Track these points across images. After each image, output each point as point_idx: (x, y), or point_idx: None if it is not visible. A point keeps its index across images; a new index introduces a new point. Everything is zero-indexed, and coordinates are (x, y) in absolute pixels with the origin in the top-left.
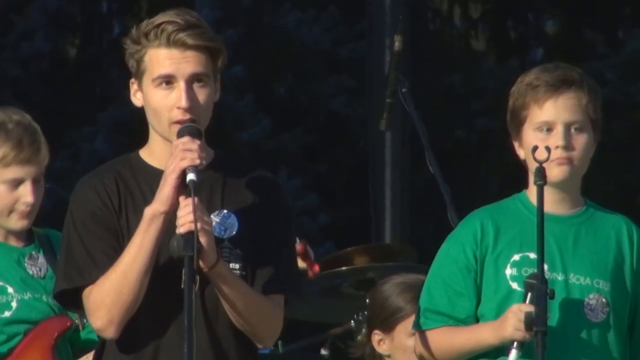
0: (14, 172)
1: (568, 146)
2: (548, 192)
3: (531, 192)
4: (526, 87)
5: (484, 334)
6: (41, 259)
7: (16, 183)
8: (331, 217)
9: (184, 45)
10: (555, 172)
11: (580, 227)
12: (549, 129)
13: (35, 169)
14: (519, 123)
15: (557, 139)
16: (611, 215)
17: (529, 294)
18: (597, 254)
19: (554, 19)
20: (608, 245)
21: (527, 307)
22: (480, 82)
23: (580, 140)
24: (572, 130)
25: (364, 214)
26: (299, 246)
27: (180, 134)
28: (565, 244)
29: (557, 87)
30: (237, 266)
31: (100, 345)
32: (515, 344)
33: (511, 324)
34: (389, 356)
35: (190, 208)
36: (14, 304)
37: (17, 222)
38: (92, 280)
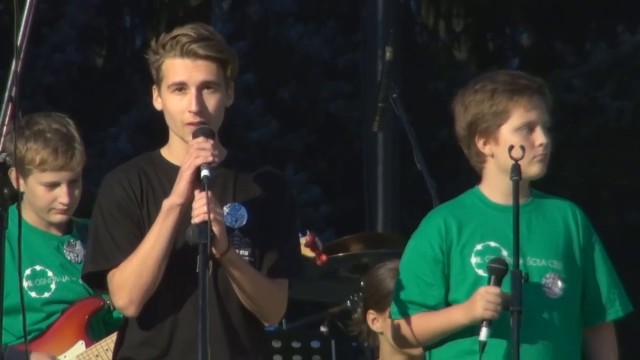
0: (50, 176)
1: (548, 146)
2: (503, 185)
3: (484, 187)
4: (505, 92)
5: (455, 316)
6: (78, 246)
7: (53, 185)
8: (332, 208)
9: (195, 55)
10: (535, 169)
11: (531, 214)
12: (530, 129)
13: (69, 174)
14: (495, 125)
15: (540, 137)
16: (556, 201)
17: (492, 277)
18: (548, 237)
19: (528, 32)
20: (557, 228)
21: (492, 289)
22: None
23: (550, 138)
24: (547, 131)
25: (359, 205)
26: (308, 237)
27: (195, 135)
28: (520, 231)
29: (538, 90)
30: (246, 253)
31: (123, 323)
32: (485, 322)
33: (480, 304)
34: (381, 333)
35: (204, 200)
36: (52, 286)
37: (55, 217)
38: (116, 264)
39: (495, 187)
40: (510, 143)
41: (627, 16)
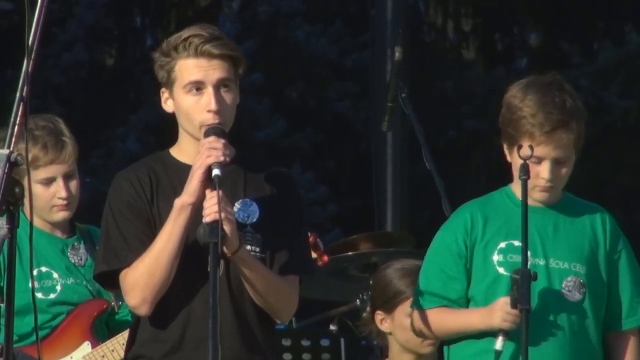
0: (43, 172)
1: (553, 179)
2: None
3: (516, 186)
4: (524, 119)
5: (473, 320)
6: (82, 250)
7: (49, 181)
8: (339, 208)
9: (210, 55)
10: (537, 196)
11: (558, 217)
12: (538, 161)
13: (62, 167)
14: (512, 139)
15: (544, 172)
16: (587, 205)
17: (514, 288)
18: (574, 240)
19: (536, 32)
20: (584, 232)
21: None
22: (470, 88)
23: (564, 172)
24: (558, 164)
25: (368, 204)
26: (310, 238)
27: (206, 134)
28: (545, 232)
29: (551, 132)
30: (257, 249)
31: (134, 322)
32: (502, 332)
33: (499, 315)
34: (390, 333)
35: (215, 200)
36: (58, 288)
37: (57, 214)
38: (128, 263)
39: None
40: (517, 165)
41: (634, 16)
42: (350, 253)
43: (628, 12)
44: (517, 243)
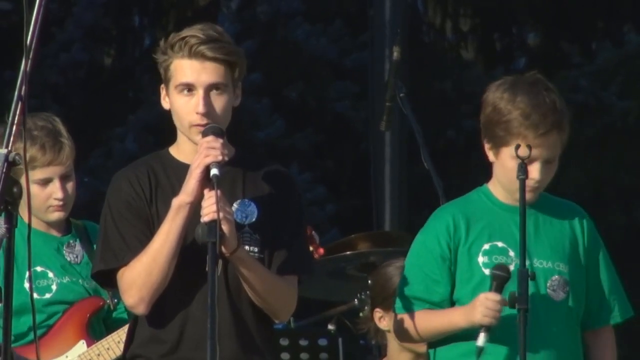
0: (41, 173)
1: (540, 180)
2: (506, 188)
3: (493, 186)
4: (516, 121)
5: (455, 318)
6: (78, 247)
7: (46, 182)
8: (337, 208)
9: (203, 57)
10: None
11: (538, 216)
12: (529, 162)
13: (60, 168)
14: (500, 140)
15: (535, 172)
16: (564, 203)
17: (494, 283)
18: (554, 239)
19: (535, 32)
20: (563, 230)
21: (492, 296)
22: (469, 88)
23: (551, 171)
24: (547, 164)
25: (366, 204)
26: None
27: (205, 134)
28: (527, 233)
29: (546, 134)
30: (255, 249)
31: (132, 321)
32: (483, 328)
33: (479, 311)
34: (389, 331)
35: (213, 199)
36: (53, 287)
37: (53, 215)
38: (126, 263)
39: (501, 187)
40: (507, 166)
41: (633, 16)
42: (348, 253)
43: (627, 12)
44: (500, 244)
